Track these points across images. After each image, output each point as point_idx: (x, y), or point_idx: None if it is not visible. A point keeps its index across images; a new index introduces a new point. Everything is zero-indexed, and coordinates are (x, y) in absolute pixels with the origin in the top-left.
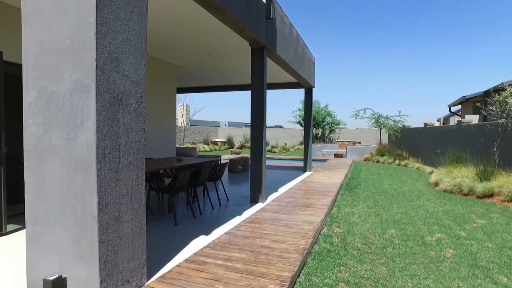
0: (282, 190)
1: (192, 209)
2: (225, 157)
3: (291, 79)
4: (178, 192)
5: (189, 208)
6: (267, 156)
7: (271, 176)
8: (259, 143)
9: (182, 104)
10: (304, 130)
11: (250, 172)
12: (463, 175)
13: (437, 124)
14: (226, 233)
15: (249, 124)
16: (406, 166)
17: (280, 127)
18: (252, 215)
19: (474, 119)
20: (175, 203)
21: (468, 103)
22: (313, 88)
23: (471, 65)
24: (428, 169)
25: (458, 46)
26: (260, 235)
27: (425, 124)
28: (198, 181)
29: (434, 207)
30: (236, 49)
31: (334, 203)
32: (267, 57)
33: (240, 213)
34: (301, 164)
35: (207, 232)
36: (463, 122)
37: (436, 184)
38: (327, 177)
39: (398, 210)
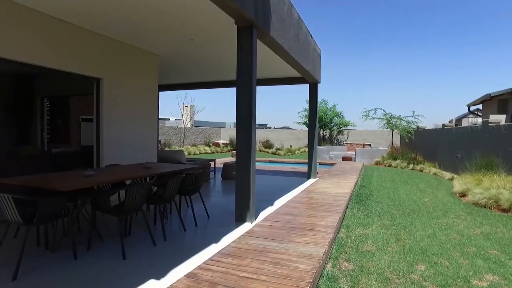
0: (279, 203)
1: (151, 235)
2: (224, 161)
3: (295, 73)
4: (128, 213)
5: (155, 231)
6: (269, 159)
7: (268, 183)
8: (246, 147)
9: (187, 105)
10: (309, 131)
11: (236, 183)
12: (499, 186)
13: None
14: (188, 275)
15: (256, 125)
16: (421, 171)
17: (288, 128)
18: (232, 242)
19: (501, 119)
20: (142, 223)
21: (492, 102)
22: (319, 84)
23: (480, 66)
24: (447, 175)
25: (466, 47)
26: (234, 281)
27: (443, 125)
28: (163, 197)
29: (469, 228)
30: (222, 32)
31: (342, 221)
32: (257, 39)
33: (217, 239)
34: (306, 168)
35: (160, 273)
36: (490, 123)
37: (463, 194)
38: (334, 186)
39: (424, 232)
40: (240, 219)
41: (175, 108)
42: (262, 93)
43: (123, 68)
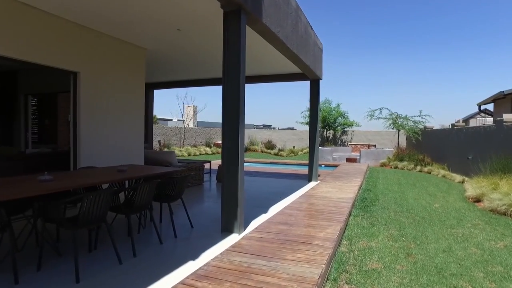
0: (274, 209)
1: (116, 251)
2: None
3: (295, 69)
4: (85, 227)
5: (125, 245)
6: (270, 160)
7: (265, 187)
8: (233, 149)
9: (189, 105)
10: (310, 131)
11: (222, 190)
12: None
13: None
14: None
15: (260, 126)
16: (429, 173)
17: (292, 129)
18: (213, 259)
19: None
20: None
21: (505, 100)
22: (321, 81)
23: (486, 69)
24: (457, 177)
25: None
26: None
27: (453, 124)
28: (133, 206)
29: (490, 241)
30: (210, 20)
31: (344, 231)
32: (246, 26)
33: (196, 255)
34: (307, 170)
35: None
36: (505, 122)
37: (478, 200)
38: (337, 190)
39: (437, 245)
40: (227, 230)
41: (175, 108)
42: (266, 93)
43: (104, 62)
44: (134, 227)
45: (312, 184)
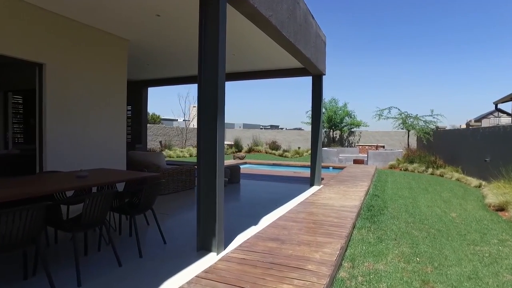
0: (266, 220)
1: (50, 280)
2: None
3: (295, 63)
4: (5, 251)
5: (70, 270)
6: (273, 162)
7: (261, 193)
8: (211, 153)
9: (194, 105)
10: (312, 131)
11: (197, 201)
12: None
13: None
14: None
15: (268, 127)
16: (442, 176)
17: (300, 129)
18: None
19: None
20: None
21: None
22: (324, 76)
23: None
24: (473, 181)
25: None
26: None
27: (468, 124)
28: (80, 223)
29: None
30: (187, 4)
31: (346, 249)
32: (226, 3)
33: (156, 285)
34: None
35: None
36: None
37: (501, 208)
38: (341, 196)
39: (460, 270)
40: (203, 248)
41: (177, 107)
42: (271, 93)
43: (76, 53)
44: (91, 245)
45: (314, 189)
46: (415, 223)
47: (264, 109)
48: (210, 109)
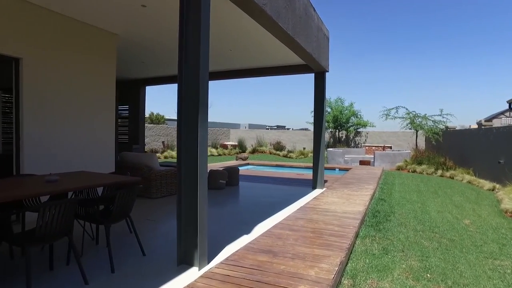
0: (261, 228)
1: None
2: (225, 164)
3: (297, 60)
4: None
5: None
6: (276, 163)
7: (261, 196)
8: (191, 156)
9: None
10: (314, 130)
11: (177, 208)
12: None
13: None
14: None
15: (274, 127)
16: (452, 178)
17: (306, 129)
18: None
19: None
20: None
21: None
22: (327, 73)
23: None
24: (485, 184)
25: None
26: None
27: (480, 124)
28: (34, 235)
29: None
30: None
31: (347, 263)
32: None
33: None
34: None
35: None
36: None
37: None
38: (344, 200)
39: None
40: (184, 262)
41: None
42: (277, 93)
43: (57, 47)
44: (59, 259)
45: (317, 192)
46: (425, 231)
47: (270, 109)
48: (191, 108)
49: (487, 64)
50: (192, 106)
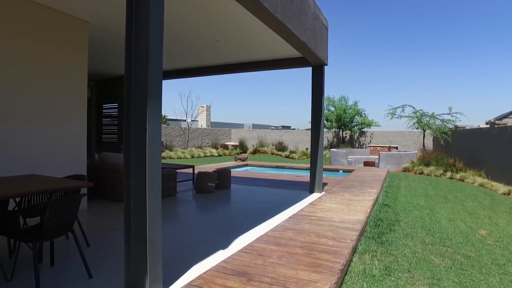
0: (240, 242)
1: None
2: (223, 165)
3: (293, 52)
4: None
5: None
6: (276, 164)
7: (252, 201)
8: (140, 160)
9: (202, 106)
10: (311, 130)
11: (124, 222)
12: None
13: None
14: None
15: (280, 127)
16: (462, 180)
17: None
18: None
19: None
20: None
21: None
22: (326, 66)
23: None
24: (499, 187)
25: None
26: None
27: (493, 123)
28: None
29: None
30: None
31: (341, 286)
32: None
33: None
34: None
35: None
36: None
37: None
38: (344, 206)
39: None
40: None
41: (179, 106)
42: (282, 93)
43: (13, 36)
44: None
45: (314, 197)
46: (435, 245)
47: (275, 109)
48: (138, 104)
49: (493, 64)
50: (141, 97)
